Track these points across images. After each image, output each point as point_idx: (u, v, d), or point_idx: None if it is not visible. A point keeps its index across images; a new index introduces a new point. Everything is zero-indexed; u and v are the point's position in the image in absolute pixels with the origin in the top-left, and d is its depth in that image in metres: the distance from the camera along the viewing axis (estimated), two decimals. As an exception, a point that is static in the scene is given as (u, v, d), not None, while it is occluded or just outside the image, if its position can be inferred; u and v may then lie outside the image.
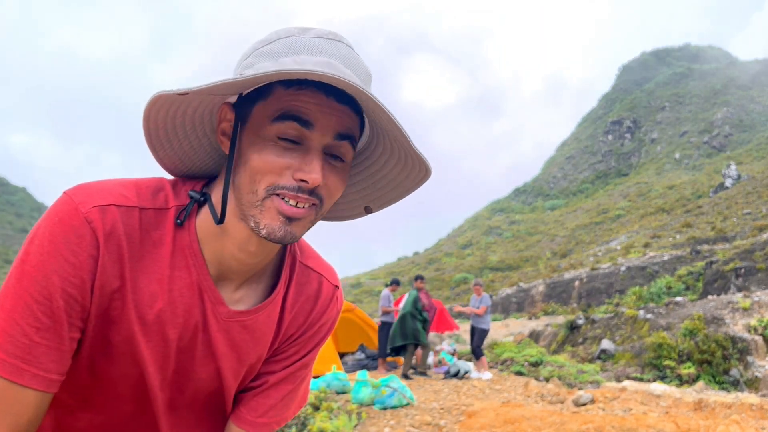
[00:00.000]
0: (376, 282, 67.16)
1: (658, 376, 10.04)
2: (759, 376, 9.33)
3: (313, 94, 0.74)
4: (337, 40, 0.78)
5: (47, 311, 0.72)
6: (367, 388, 6.38)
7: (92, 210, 0.75)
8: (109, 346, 0.81)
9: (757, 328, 10.67)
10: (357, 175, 0.92)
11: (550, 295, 32.99)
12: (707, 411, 6.14)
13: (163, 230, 0.81)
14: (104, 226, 0.75)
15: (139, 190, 0.81)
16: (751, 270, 20.13)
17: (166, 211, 0.82)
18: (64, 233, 0.73)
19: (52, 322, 0.73)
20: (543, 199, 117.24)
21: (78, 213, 0.74)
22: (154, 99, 0.76)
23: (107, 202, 0.77)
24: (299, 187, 0.75)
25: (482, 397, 7.30)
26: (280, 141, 0.75)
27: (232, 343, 0.89)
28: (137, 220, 0.79)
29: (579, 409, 6.55)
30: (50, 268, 0.72)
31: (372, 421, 5.66)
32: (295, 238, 0.77)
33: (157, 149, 0.85)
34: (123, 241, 0.77)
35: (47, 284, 0.72)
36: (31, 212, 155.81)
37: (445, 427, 5.48)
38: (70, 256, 0.73)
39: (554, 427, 5.00)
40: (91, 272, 0.75)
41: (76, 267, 0.74)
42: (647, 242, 43.17)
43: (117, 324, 0.80)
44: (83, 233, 0.74)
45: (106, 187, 0.79)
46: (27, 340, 0.72)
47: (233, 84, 0.71)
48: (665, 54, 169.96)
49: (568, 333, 15.07)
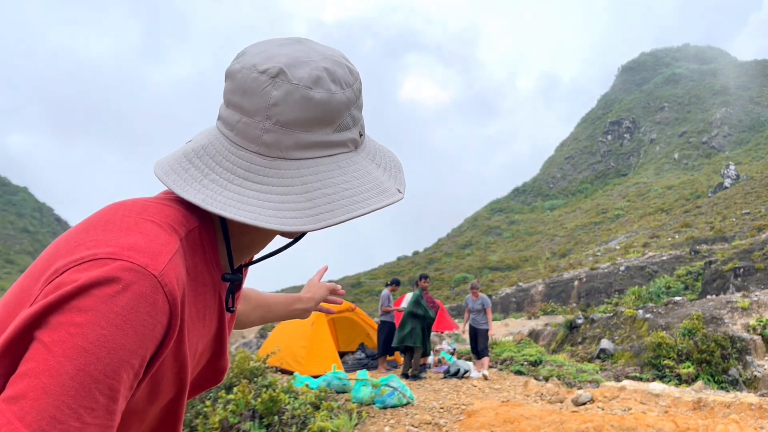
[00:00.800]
0: (376, 282, 67.15)
1: (657, 375, 10.06)
2: (758, 375, 9.35)
3: None
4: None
5: (106, 391, 0.59)
6: (367, 388, 6.40)
7: (165, 273, 0.64)
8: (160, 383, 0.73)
9: (755, 327, 10.70)
10: None
11: (549, 295, 33.02)
12: (706, 410, 6.16)
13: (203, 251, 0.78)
14: (179, 284, 0.67)
15: (172, 224, 0.72)
16: (750, 270, 20.16)
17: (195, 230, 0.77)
18: (146, 310, 0.62)
19: (109, 400, 0.60)
20: (542, 199, 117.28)
21: (154, 283, 0.63)
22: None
23: (169, 256, 0.67)
24: None
25: (482, 397, 7.31)
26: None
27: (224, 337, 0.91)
28: (185, 256, 0.72)
29: (578, 408, 6.57)
30: (118, 343, 0.59)
31: (372, 421, 5.68)
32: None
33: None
34: (184, 289, 0.69)
35: (111, 362, 0.59)
36: (32, 212, 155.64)
37: (445, 426, 5.49)
38: (149, 333, 0.62)
39: (553, 427, 5.01)
40: (160, 338, 0.65)
41: (145, 338, 0.62)
42: (646, 242, 43.22)
43: (179, 362, 0.73)
44: (162, 303, 0.64)
45: (150, 233, 0.68)
46: (79, 424, 0.57)
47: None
48: (665, 54, 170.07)
49: (567, 332, 15.10)
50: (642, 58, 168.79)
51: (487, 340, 9.83)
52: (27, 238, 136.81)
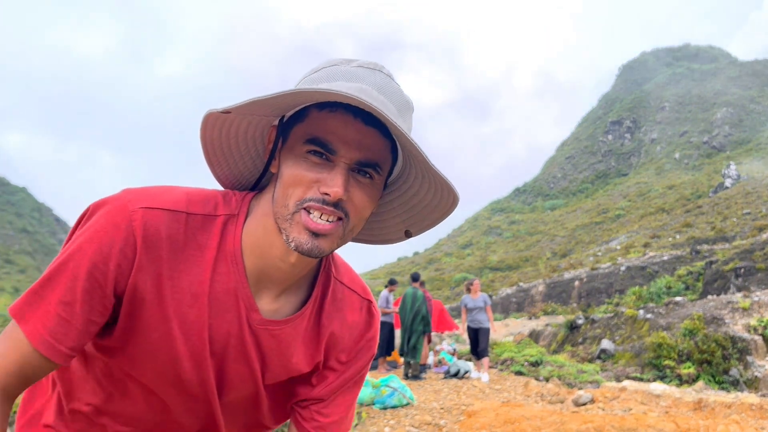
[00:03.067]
0: (376, 282, 67.14)
1: (658, 375, 10.05)
2: (759, 375, 9.33)
3: (342, 117, 0.80)
4: (377, 70, 0.85)
5: (71, 287, 0.80)
6: (367, 388, 6.39)
7: (138, 210, 0.82)
8: (147, 342, 0.86)
9: (756, 327, 10.68)
10: (396, 199, 0.97)
11: (549, 295, 32.99)
12: (707, 411, 6.15)
13: (209, 235, 0.87)
14: (145, 227, 0.81)
15: (190, 197, 0.87)
16: (751, 270, 20.13)
17: (215, 218, 0.87)
18: (106, 225, 0.81)
19: (72, 298, 0.80)
20: (543, 199, 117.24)
21: (125, 210, 0.81)
22: (205, 118, 0.83)
23: (155, 205, 0.83)
24: (324, 200, 0.80)
25: (482, 397, 7.30)
26: (310, 156, 0.81)
27: (260, 350, 0.93)
28: (183, 224, 0.85)
29: (579, 408, 6.56)
30: (86, 252, 0.80)
31: (372, 421, 5.66)
32: (322, 252, 0.82)
33: (215, 167, 0.93)
34: (164, 242, 0.83)
35: (79, 265, 0.80)
36: (31, 212, 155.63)
37: (445, 426, 5.48)
38: (105, 247, 0.80)
39: (554, 427, 5.00)
40: (120, 265, 0.81)
41: (107, 257, 0.80)
42: (647, 242, 43.19)
43: (154, 321, 0.85)
44: (123, 228, 0.81)
45: (159, 191, 0.86)
46: (56, 316, 0.79)
47: (267, 102, 0.77)
48: (665, 54, 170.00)
49: (567, 333, 15.08)
50: (643, 58, 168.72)
51: (488, 340, 9.79)
52: (26, 238, 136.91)
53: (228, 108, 0.79)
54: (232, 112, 0.80)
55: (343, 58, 0.86)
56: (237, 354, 0.91)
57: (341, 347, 1.02)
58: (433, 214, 0.94)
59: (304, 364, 0.99)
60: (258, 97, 0.75)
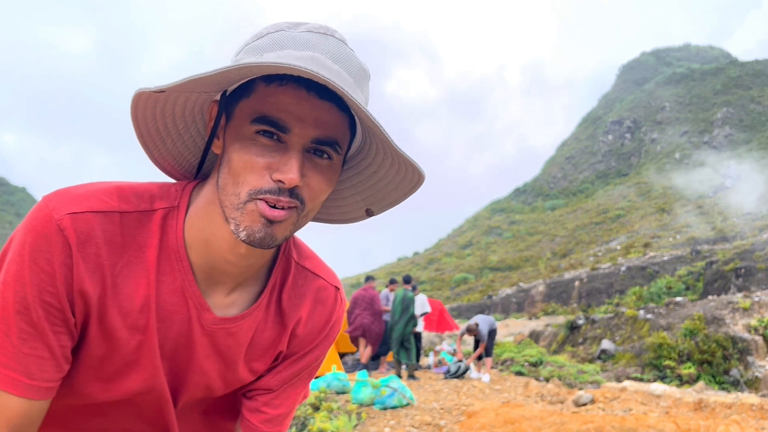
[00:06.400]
0: (376, 282, 67.08)
1: (659, 376, 10.04)
2: (759, 376, 9.33)
3: (294, 91, 0.72)
4: (328, 35, 0.76)
5: (29, 321, 0.73)
6: (367, 388, 6.38)
7: (65, 217, 0.74)
8: (105, 349, 0.80)
9: (757, 328, 10.67)
10: (356, 176, 0.90)
11: (550, 295, 32.99)
12: (707, 411, 6.14)
13: (149, 233, 0.79)
14: (77, 234, 0.74)
15: (121, 193, 0.79)
16: (751, 270, 20.12)
17: (152, 213, 0.80)
18: (36, 242, 0.73)
19: (35, 331, 0.73)
20: (543, 199, 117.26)
21: (51, 221, 0.73)
22: (135, 98, 0.74)
23: (82, 208, 0.75)
24: (279, 189, 0.73)
25: (482, 397, 7.30)
26: (260, 138, 0.73)
27: (218, 349, 0.87)
28: (118, 224, 0.77)
29: (579, 409, 6.56)
30: (26, 278, 0.72)
31: (372, 422, 5.65)
32: (275, 240, 0.75)
33: (151, 150, 0.83)
34: (101, 247, 0.76)
35: (25, 294, 0.72)
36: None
37: (445, 427, 5.47)
38: (45, 265, 0.73)
39: (554, 427, 5.00)
40: (66, 280, 0.74)
41: (50, 275, 0.73)
42: (647, 242, 43.19)
43: (106, 329, 0.79)
44: (55, 241, 0.73)
45: (84, 192, 0.77)
46: (16, 351, 0.73)
47: (207, 79, 0.69)
48: (665, 54, 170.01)
49: (568, 333, 15.08)
50: (643, 58, 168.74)
51: (493, 341, 9.86)
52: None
53: (162, 87, 0.71)
54: (167, 91, 0.72)
55: (289, 21, 0.77)
56: (188, 358, 0.86)
57: (304, 336, 0.95)
58: (396, 192, 0.86)
59: (268, 357, 0.93)
60: (196, 74, 0.67)
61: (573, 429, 4.87)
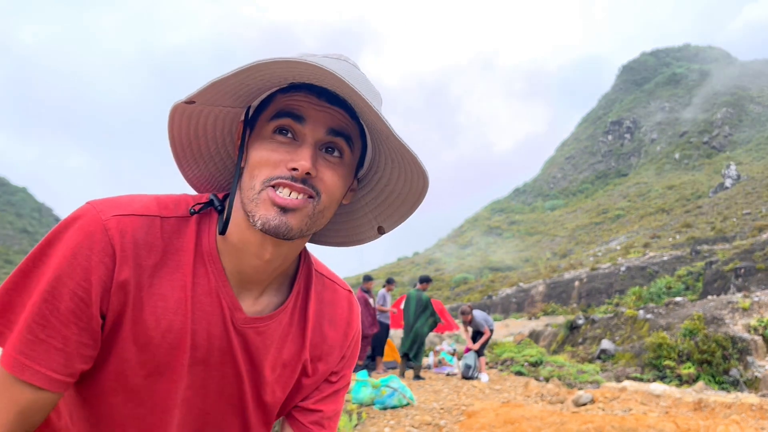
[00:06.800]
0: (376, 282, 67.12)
1: (658, 376, 10.05)
2: (759, 376, 9.33)
3: (306, 95, 0.80)
4: (342, 59, 0.84)
5: (53, 309, 0.75)
6: (367, 388, 6.38)
7: (111, 219, 0.78)
8: (136, 353, 0.81)
9: (756, 328, 10.68)
10: (368, 194, 0.97)
11: (550, 295, 33.00)
12: (707, 411, 6.15)
13: (185, 238, 0.84)
14: (122, 234, 0.78)
15: (160, 201, 0.84)
16: (751, 270, 20.13)
17: (188, 219, 0.85)
18: (80, 239, 0.76)
19: (56, 320, 0.75)
20: (543, 199, 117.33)
21: (98, 221, 0.77)
22: (172, 112, 0.81)
23: (128, 212, 0.80)
24: (292, 177, 0.78)
25: (482, 397, 7.30)
26: (277, 136, 0.80)
27: (247, 349, 0.90)
28: (158, 228, 0.82)
29: (579, 409, 6.56)
30: (63, 270, 0.75)
31: (372, 421, 5.66)
32: (290, 229, 0.78)
33: (185, 168, 0.91)
34: (142, 248, 0.80)
35: (57, 284, 0.75)
36: (31, 212, 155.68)
37: (445, 427, 5.47)
38: (83, 261, 0.75)
39: (554, 427, 5.00)
40: (102, 279, 0.77)
41: (87, 270, 0.76)
42: (647, 242, 43.21)
43: (138, 331, 0.81)
44: (98, 239, 0.77)
45: (128, 199, 0.83)
46: (33, 337, 0.74)
47: (227, 82, 0.75)
48: (665, 54, 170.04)
49: (568, 333, 15.09)
50: (643, 58, 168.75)
51: (487, 342, 9.85)
52: (26, 239, 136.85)
53: (191, 96, 0.77)
54: (197, 101, 0.78)
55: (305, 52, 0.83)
56: (222, 357, 0.87)
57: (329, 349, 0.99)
58: (404, 205, 0.93)
59: (293, 361, 0.96)
60: (218, 77, 0.73)
61: (573, 429, 4.88)
